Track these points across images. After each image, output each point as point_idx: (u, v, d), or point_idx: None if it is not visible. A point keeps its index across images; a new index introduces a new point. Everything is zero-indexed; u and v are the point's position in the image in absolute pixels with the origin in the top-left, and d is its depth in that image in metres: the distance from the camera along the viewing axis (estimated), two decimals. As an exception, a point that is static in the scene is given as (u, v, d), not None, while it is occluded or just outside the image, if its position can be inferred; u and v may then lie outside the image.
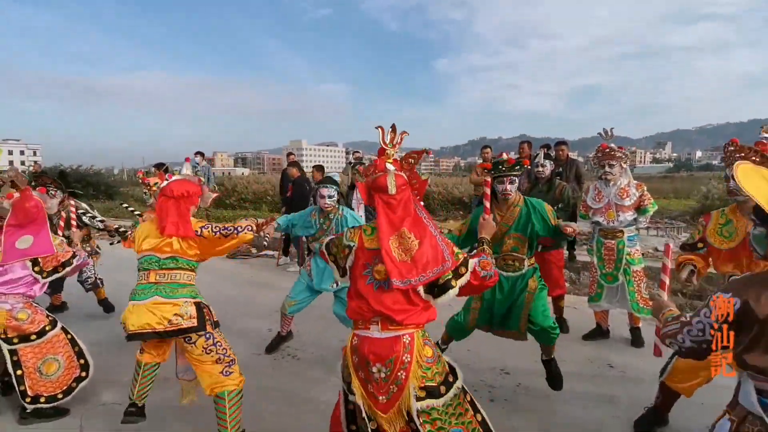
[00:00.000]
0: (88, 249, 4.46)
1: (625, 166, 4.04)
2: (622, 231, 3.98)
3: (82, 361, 3.16)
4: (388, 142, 2.09)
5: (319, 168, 7.22)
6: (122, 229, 3.33)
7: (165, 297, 2.53)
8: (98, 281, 5.01)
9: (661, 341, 1.83)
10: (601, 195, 4.06)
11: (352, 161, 8.16)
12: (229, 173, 42.11)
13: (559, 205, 4.42)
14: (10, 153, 77.33)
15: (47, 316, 3.09)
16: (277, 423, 2.94)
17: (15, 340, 2.92)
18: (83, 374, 3.14)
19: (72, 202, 4.30)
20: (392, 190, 1.97)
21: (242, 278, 6.66)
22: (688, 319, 1.65)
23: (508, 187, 3.00)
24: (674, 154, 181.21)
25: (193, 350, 2.59)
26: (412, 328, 1.94)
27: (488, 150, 7.39)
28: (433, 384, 1.93)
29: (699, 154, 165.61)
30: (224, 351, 2.64)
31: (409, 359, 1.91)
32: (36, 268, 2.94)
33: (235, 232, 2.70)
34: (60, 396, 3.01)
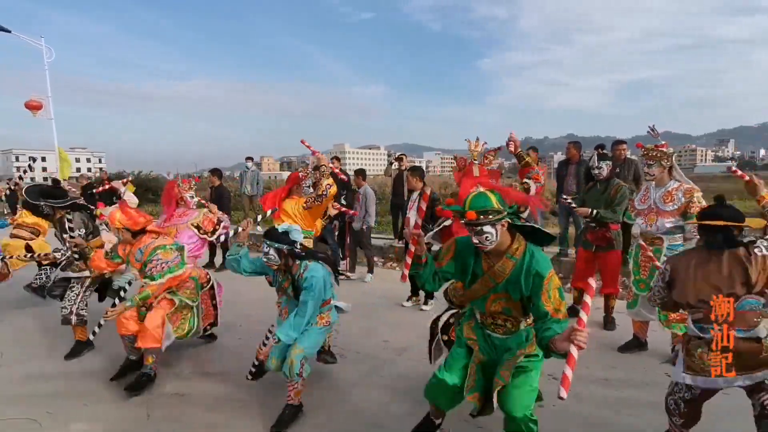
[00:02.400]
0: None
1: (665, 165, 3.67)
2: (660, 238, 3.68)
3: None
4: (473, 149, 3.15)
5: (361, 172, 7.02)
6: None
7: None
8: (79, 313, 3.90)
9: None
10: (647, 196, 3.81)
11: (393, 161, 8.28)
12: (275, 177, 43.35)
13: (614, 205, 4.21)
14: (77, 160, 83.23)
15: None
16: (318, 420, 3.04)
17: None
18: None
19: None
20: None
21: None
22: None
23: (475, 239, 2.20)
24: (737, 152, 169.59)
25: None
26: None
27: (529, 152, 7.18)
28: None
29: (763, 152, 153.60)
30: None
31: None
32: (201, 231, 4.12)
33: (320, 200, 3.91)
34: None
